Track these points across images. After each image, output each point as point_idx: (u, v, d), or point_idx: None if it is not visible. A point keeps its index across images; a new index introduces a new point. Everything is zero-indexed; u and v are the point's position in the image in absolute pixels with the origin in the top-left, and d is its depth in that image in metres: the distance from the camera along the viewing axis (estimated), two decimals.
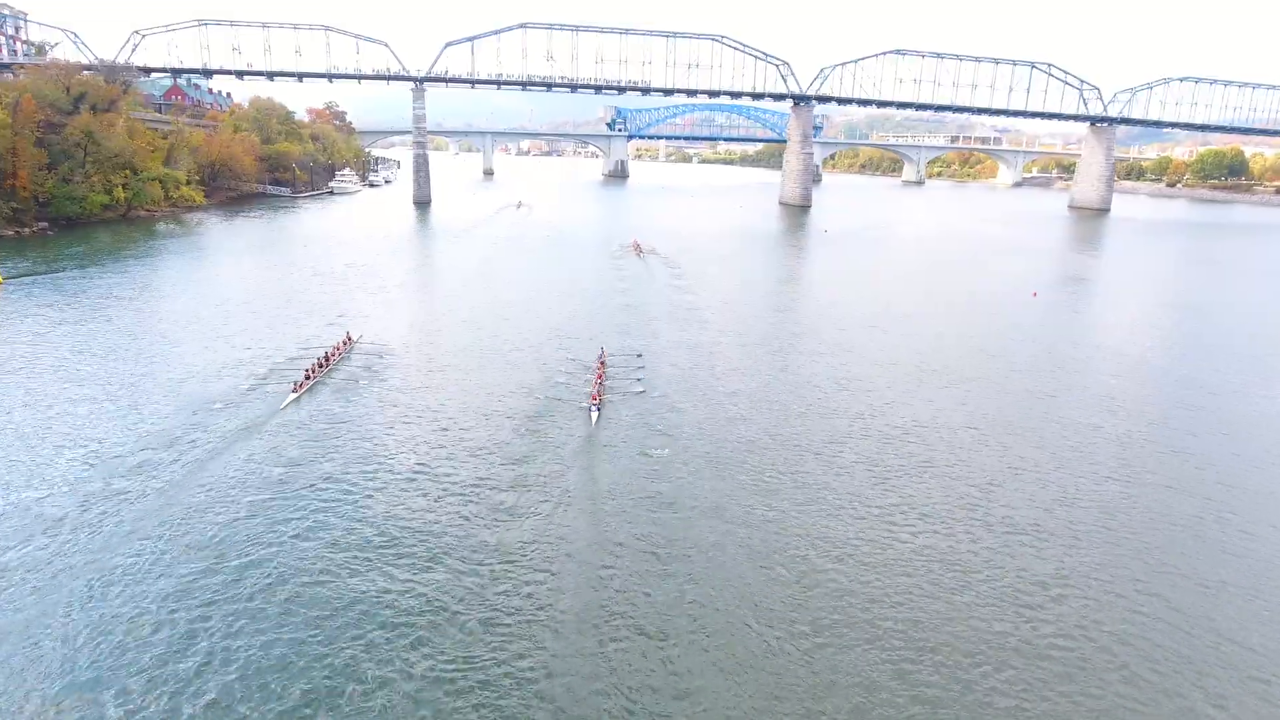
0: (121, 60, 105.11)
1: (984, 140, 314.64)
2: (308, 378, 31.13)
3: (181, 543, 19.25)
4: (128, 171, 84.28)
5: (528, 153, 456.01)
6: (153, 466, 23.39)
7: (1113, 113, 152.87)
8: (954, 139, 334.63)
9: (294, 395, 29.61)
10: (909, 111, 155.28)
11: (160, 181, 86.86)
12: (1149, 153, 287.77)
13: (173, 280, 52.93)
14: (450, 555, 19.15)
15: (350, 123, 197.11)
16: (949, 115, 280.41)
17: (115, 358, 34.72)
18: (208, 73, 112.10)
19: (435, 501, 21.92)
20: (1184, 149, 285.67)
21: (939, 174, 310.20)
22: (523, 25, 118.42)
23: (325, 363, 33.07)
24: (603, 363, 33.98)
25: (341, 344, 35.94)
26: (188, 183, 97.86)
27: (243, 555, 18.81)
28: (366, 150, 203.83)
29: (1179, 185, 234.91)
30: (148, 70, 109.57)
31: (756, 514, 21.80)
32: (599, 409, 28.41)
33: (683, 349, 38.64)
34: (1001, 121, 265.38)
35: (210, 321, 41.39)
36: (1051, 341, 43.94)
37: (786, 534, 20.81)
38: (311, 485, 22.64)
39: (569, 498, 22.28)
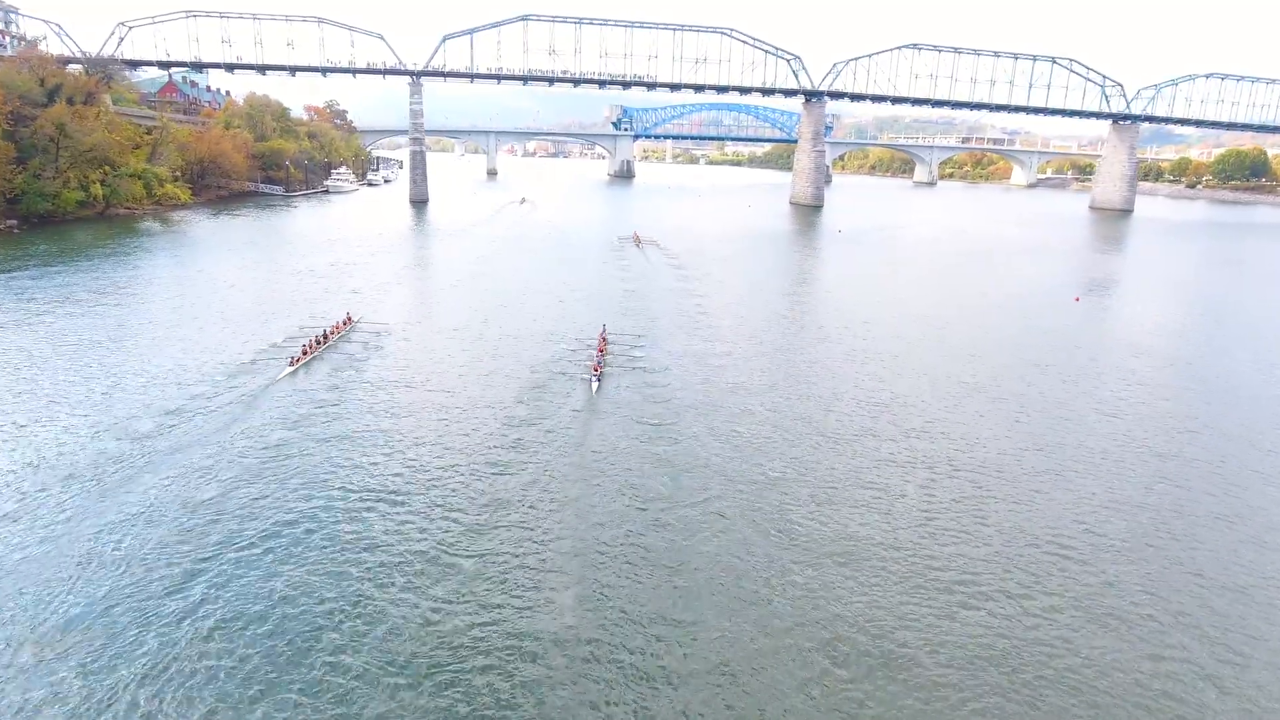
0: (107, 53, 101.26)
1: (997, 141, 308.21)
2: (305, 353, 31.31)
3: (169, 507, 19.24)
4: (106, 168, 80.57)
5: (534, 154, 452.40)
6: (141, 437, 23.39)
7: (1136, 110, 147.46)
8: (965, 140, 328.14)
9: (290, 369, 29.84)
10: (920, 112, 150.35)
11: (140, 178, 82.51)
12: (1164, 154, 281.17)
13: (143, 278, 49.62)
14: (447, 508, 19.54)
15: (351, 121, 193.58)
16: (959, 117, 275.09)
17: (67, 353, 32.25)
18: (197, 66, 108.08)
19: (432, 460, 22.41)
20: (1197, 150, 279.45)
21: (950, 175, 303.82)
22: (524, 18, 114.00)
23: (324, 340, 33.43)
24: (604, 339, 35.06)
25: (341, 324, 36.31)
26: (174, 180, 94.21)
27: (226, 519, 18.76)
28: (369, 149, 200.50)
29: (1199, 186, 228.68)
30: (134, 63, 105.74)
31: (753, 477, 22.30)
32: (599, 379, 29.61)
33: (689, 357, 34.05)
34: (1017, 121, 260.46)
35: (176, 321, 38.64)
36: (1103, 351, 39.04)
37: (784, 499, 21.17)
38: (308, 450, 22.85)
39: (568, 459, 22.80)
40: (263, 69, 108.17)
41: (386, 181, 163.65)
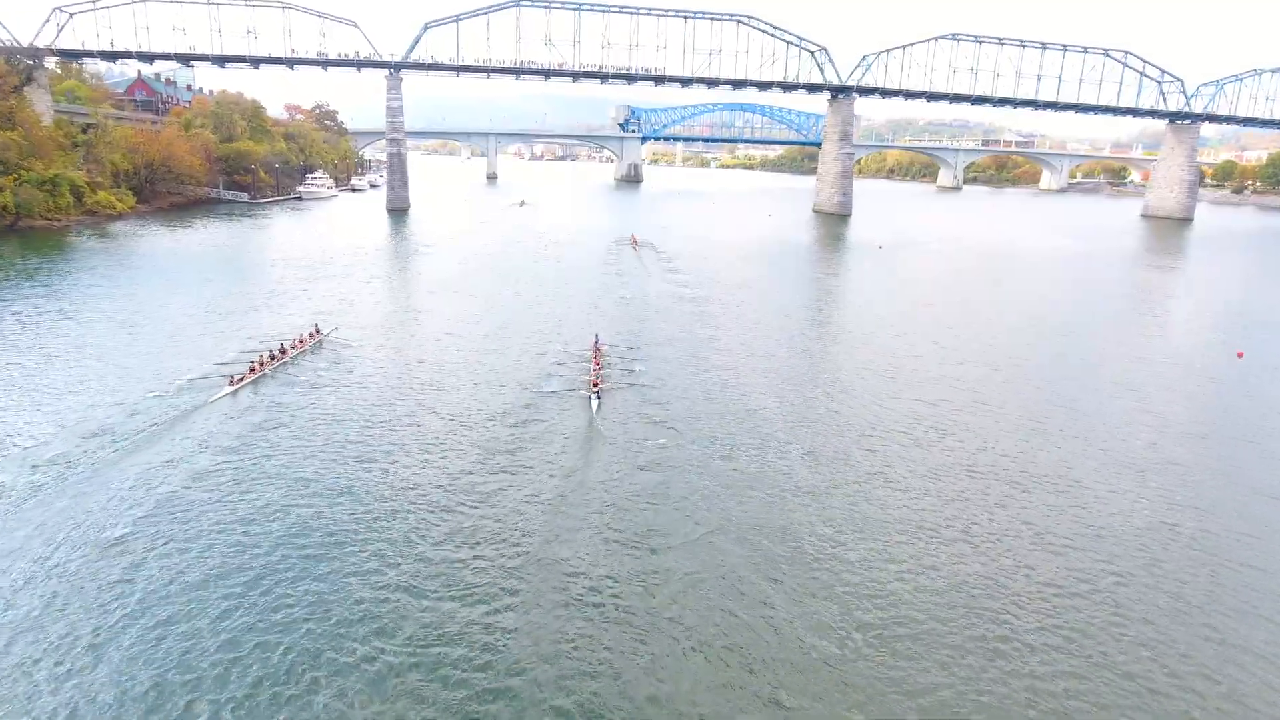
0: (43, 41, 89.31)
1: (1021, 144, 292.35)
2: (252, 370, 28.84)
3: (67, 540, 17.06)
4: (23, 172, 68.89)
5: (541, 157, 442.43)
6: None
7: (1196, 109, 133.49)
8: (986, 142, 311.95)
9: (230, 389, 27.19)
10: (937, 114, 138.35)
11: (52, 184, 70.25)
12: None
13: (44, 302, 41.40)
14: (428, 537, 17.83)
15: (342, 123, 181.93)
16: (973, 119, 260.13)
17: None
18: (145, 57, 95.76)
19: (419, 484, 20.41)
20: (1226, 152, 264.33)
21: (974, 179, 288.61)
22: (516, 3, 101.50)
23: (281, 355, 30.97)
24: (598, 349, 32.96)
25: (306, 337, 33.65)
26: (116, 185, 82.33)
27: (136, 558, 16.66)
28: (361, 152, 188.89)
29: (1245, 191, 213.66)
30: (69, 54, 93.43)
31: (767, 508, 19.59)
32: (599, 396, 27.47)
33: (696, 373, 23.88)
34: (1060, 121, 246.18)
35: (72, 347, 33.11)
36: None
37: (795, 519, 19.19)
38: (243, 480, 20.27)
39: (574, 482, 20.78)
40: (221, 60, 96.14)
41: (373, 186, 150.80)
